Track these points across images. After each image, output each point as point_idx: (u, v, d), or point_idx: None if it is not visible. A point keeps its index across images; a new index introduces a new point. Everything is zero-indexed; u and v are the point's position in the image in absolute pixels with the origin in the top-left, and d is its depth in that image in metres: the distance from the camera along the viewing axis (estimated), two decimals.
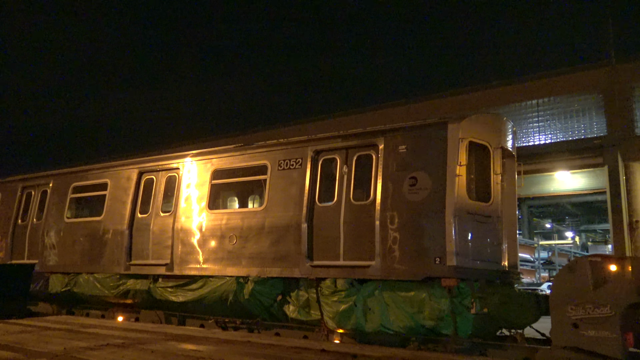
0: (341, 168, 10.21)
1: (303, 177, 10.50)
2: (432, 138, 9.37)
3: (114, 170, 13.82)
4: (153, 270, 12.24)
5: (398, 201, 9.32)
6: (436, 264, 8.76)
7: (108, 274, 13.04)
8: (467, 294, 8.81)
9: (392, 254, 9.20)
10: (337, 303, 9.61)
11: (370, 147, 9.99)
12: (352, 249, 9.70)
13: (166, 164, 12.86)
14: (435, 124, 9.50)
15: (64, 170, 15.66)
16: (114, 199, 13.46)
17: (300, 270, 10.13)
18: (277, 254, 10.47)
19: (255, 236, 10.82)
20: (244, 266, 10.85)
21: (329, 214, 10.07)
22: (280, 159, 10.94)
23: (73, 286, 13.70)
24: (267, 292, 10.61)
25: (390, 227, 9.27)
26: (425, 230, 9.00)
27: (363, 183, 9.99)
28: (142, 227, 12.63)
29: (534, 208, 45.56)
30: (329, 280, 9.83)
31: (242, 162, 11.60)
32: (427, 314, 8.90)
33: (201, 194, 11.91)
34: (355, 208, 9.84)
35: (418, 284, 9.02)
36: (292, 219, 10.38)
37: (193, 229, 11.76)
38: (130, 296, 12.69)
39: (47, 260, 14.44)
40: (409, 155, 9.46)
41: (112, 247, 13.05)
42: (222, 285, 11.00)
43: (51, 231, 14.55)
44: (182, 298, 11.61)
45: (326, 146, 10.51)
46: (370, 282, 9.49)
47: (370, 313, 9.38)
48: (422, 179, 9.18)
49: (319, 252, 10.05)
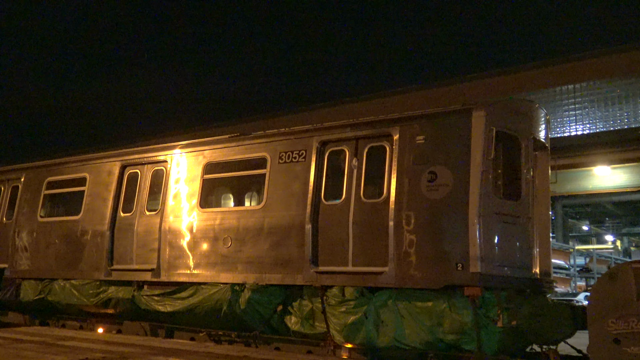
0: (350, 161, 10.19)
1: (307, 172, 10.49)
2: (454, 127, 9.33)
3: (94, 164, 13.86)
4: (137, 277, 12.27)
5: (415, 199, 9.29)
6: (458, 270, 8.74)
7: (87, 281, 13.08)
8: (492, 305, 8.78)
9: (407, 259, 9.18)
10: (345, 314, 9.60)
11: (384, 138, 9.96)
12: (362, 253, 9.69)
13: (152, 157, 12.89)
14: (458, 112, 9.46)
15: (37, 163, 15.71)
16: (93, 195, 13.50)
17: (304, 276, 10.12)
18: (278, 258, 10.47)
19: (252, 238, 10.83)
20: (240, 272, 10.86)
21: (336, 214, 10.06)
22: (282, 150, 10.93)
23: (47, 294, 13.75)
24: (266, 301, 10.61)
25: (405, 229, 9.25)
26: (446, 232, 8.97)
27: (375, 178, 9.95)
28: (125, 227, 12.66)
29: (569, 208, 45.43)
30: (336, 289, 9.82)
31: (238, 154, 11.60)
32: (447, 327, 8.88)
33: (192, 190, 11.93)
34: (366, 207, 9.82)
35: (437, 293, 9.00)
36: (295, 218, 10.38)
37: (183, 230, 11.78)
38: (111, 305, 12.73)
39: (18, 264, 14.50)
40: (427, 146, 9.42)
41: (92, 250, 13.10)
42: (216, 294, 11.01)
43: (23, 232, 14.61)
44: (170, 308, 11.63)
45: (333, 136, 10.49)
46: (382, 291, 9.47)
47: (383, 326, 9.36)
48: (443, 174, 9.15)
49: (324, 256, 10.04)
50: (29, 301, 14.13)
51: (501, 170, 9.42)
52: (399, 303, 9.29)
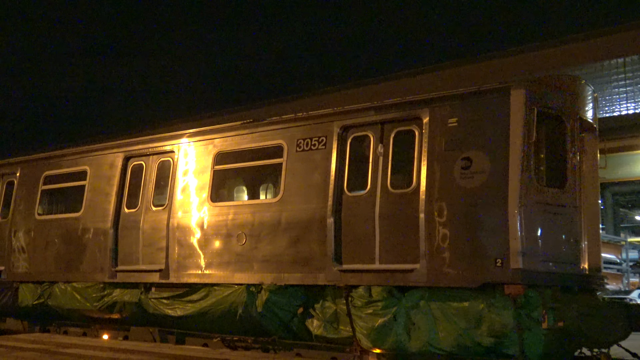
0: (375, 148, 10.18)
1: (328, 160, 10.48)
2: (490, 108, 9.28)
3: (95, 155, 13.98)
4: (144, 278, 12.39)
5: (448, 188, 9.26)
6: (497, 266, 8.70)
7: (89, 283, 13.23)
8: (536, 305, 8.72)
9: (441, 254, 9.16)
10: (372, 316, 9.61)
11: (412, 121, 9.93)
12: (390, 249, 9.68)
13: (158, 147, 12.97)
14: (495, 90, 9.39)
15: (34, 156, 15.89)
16: (94, 190, 13.62)
17: (326, 275, 10.14)
18: (297, 256, 10.50)
19: (269, 234, 10.86)
20: (256, 272, 10.91)
21: (361, 206, 10.06)
22: (299, 137, 10.94)
23: (47, 298, 13.94)
24: (285, 303, 10.66)
25: (438, 221, 9.23)
26: (483, 224, 8.94)
27: (403, 166, 9.94)
28: (130, 224, 12.77)
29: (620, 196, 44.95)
30: (362, 288, 9.83)
31: (252, 142, 11.63)
32: (486, 329, 8.85)
33: (202, 182, 11.99)
34: (394, 198, 9.81)
35: (474, 292, 8.97)
36: (315, 212, 10.39)
37: (192, 227, 11.86)
38: (117, 310, 12.87)
39: (15, 266, 14.71)
40: (461, 130, 9.38)
41: (94, 250, 13.23)
42: (230, 296, 11.08)
43: (19, 231, 14.81)
44: (181, 312, 11.73)
45: (356, 121, 10.48)
46: (413, 290, 9.47)
47: (415, 329, 9.36)
48: (478, 159, 9.10)
49: (349, 253, 10.05)
50: (28, 306, 14.34)
51: (544, 155, 9.35)
52: (431, 303, 9.28)
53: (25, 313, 14.70)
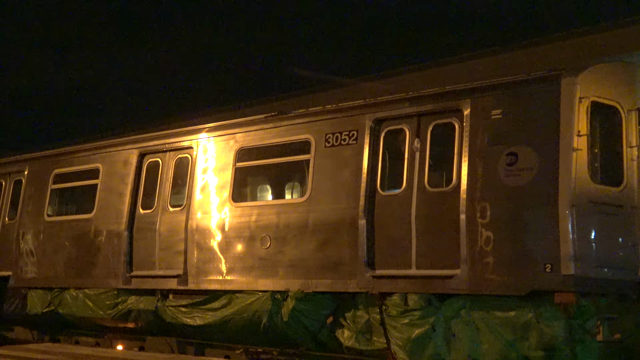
0: (411, 143, 10.14)
1: (359, 156, 10.47)
2: (538, 98, 9.19)
3: (107, 152, 14.13)
4: (161, 284, 12.49)
5: (491, 187, 9.20)
6: (546, 272, 8.63)
7: (102, 290, 13.38)
8: (590, 315, 8.66)
9: (483, 259, 9.11)
10: (408, 327, 9.59)
11: (452, 113, 9.88)
12: (428, 253, 9.65)
13: (175, 142, 13.05)
14: (543, 79, 9.31)
15: (43, 153, 16.09)
16: (107, 190, 13.77)
17: (358, 282, 10.14)
18: (326, 260, 10.51)
19: (295, 237, 10.88)
20: (281, 277, 10.94)
21: (395, 206, 10.03)
22: (328, 132, 10.94)
23: (58, 305, 14.12)
24: (312, 312, 10.66)
25: (480, 223, 9.17)
26: (531, 226, 8.87)
27: (442, 163, 9.92)
28: (146, 226, 12.88)
29: None
30: (397, 296, 9.81)
31: (277, 137, 11.66)
32: (534, 341, 8.78)
33: (222, 181, 12.05)
34: (432, 197, 9.77)
35: (521, 301, 8.90)
36: (346, 212, 10.39)
37: (213, 229, 11.92)
38: (132, 318, 12.99)
39: (23, 271, 14.92)
40: (506, 123, 9.31)
41: (107, 254, 13.37)
42: (253, 304, 11.12)
43: (28, 233, 15.01)
44: (200, 321, 11.80)
45: (390, 113, 10.45)
46: (454, 299, 9.44)
47: (455, 340, 9.33)
48: (525, 155, 9.03)
49: (382, 257, 10.04)
50: (37, 314, 14.54)
51: (598, 150, 9.23)
52: (473, 313, 9.23)
53: (34, 321, 14.89)
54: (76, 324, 14.15)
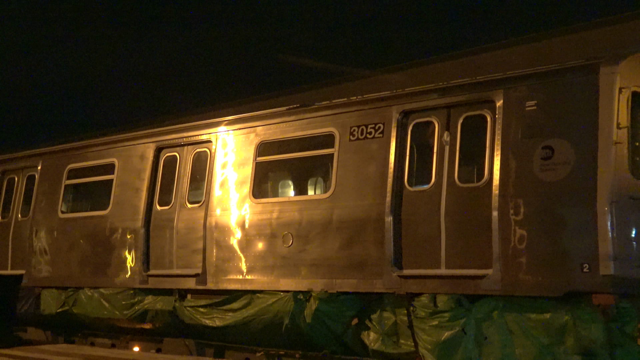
0: (441, 136, 10.11)
1: (386, 150, 10.45)
2: (575, 89, 9.13)
3: (123, 146, 14.21)
4: (179, 284, 12.57)
5: (525, 182, 9.16)
6: (584, 272, 8.58)
7: (118, 289, 13.49)
8: (631, 317, 8.59)
9: (517, 258, 9.07)
10: (437, 329, 9.57)
11: (483, 105, 9.84)
12: (458, 251, 9.62)
13: (193, 136, 13.11)
14: (581, 68, 9.23)
15: (56, 147, 16.22)
16: (123, 185, 13.86)
17: (384, 282, 10.13)
18: (351, 259, 10.51)
19: (318, 235, 10.89)
20: (304, 277, 10.95)
21: (424, 202, 10.01)
22: (353, 124, 10.93)
23: (72, 305, 14.25)
24: (337, 313, 10.67)
25: (514, 220, 9.13)
26: (567, 223, 8.81)
27: (473, 157, 9.88)
28: (163, 223, 12.96)
29: None
30: (425, 297, 9.80)
31: (299, 130, 11.67)
32: (570, 345, 8.75)
33: (242, 176, 12.08)
34: (463, 193, 9.74)
35: (557, 303, 8.87)
36: (371, 209, 10.38)
37: (232, 226, 11.96)
38: (148, 319, 13.08)
39: (37, 270, 15.07)
40: (540, 115, 9.26)
41: (123, 252, 13.47)
42: (275, 304, 11.15)
43: (41, 231, 15.15)
44: (220, 322, 11.86)
45: (418, 105, 10.42)
46: (485, 300, 9.41)
47: (487, 344, 9.30)
48: (562, 149, 8.97)
49: (410, 256, 10.02)
50: (51, 314, 14.68)
51: (639, 143, 9.12)
52: (506, 315, 9.21)
53: (48, 322, 15.03)
54: (91, 325, 14.26)
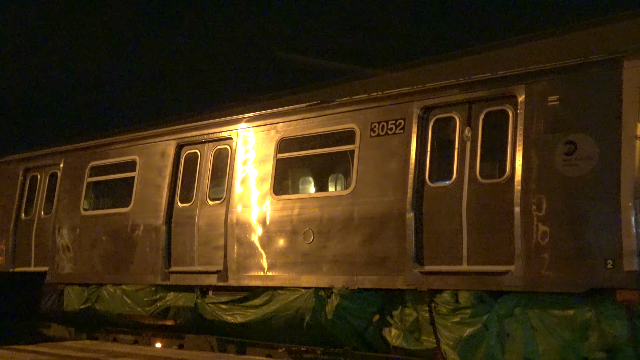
0: (462, 131, 10.08)
1: (406, 146, 10.44)
2: (598, 83, 9.07)
3: (144, 143, 14.29)
4: (200, 280, 12.63)
5: (548, 177, 9.12)
6: (607, 268, 8.53)
7: (140, 286, 13.59)
8: None
9: (539, 254, 9.04)
10: (459, 326, 9.57)
11: (505, 100, 9.80)
12: (480, 247, 9.60)
13: (214, 133, 13.16)
14: (604, 62, 9.18)
15: (78, 145, 16.34)
16: (145, 182, 13.94)
17: (406, 278, 10.13)
18: (372, 255, 10.52)
19: (339, 231, 10.91)
20: (325, 273, 10.97)
21: (445, 198, 10.00)
22: (374, 120, 10.93)
23: (95, 302, 14.38)
24: (358, 309, 10.69)
25: (536, 216, 9.09)
26: (590, 219, 8.78)
27: (495, 152, 9.84)
28: (184, 220, 13.03)
29: None
30: (447, 293, 9.79)
31: (319, 126, 11.68)
32: (594, 342, 8.70)
33: (263, 173, 12.12)
34: (484, 189, 9.71)
35: (580, 299, 8.82)
36: (392, 205, 10.38)
37: (253, 223, 12.00)
38: (170, 315, 13.17)
39: (60, 267, 15.20)
40: (563, 109, 9.21)
41: (145, 249, 13.56)
42: (296, 301, 11.19)
43: (64, 228, 15.29)
44: (241, 318, 11.92)
45: (439, 100, 10.40)
46: (508, 296, 9.39)
47: (509, 340, 9.27)
48: (584, 144, 8.93)
49: (431, 252, 10.02)
50: (74, 311, 14.81)
51: None
52: (529, 311, 9.18)
53: (71, 318, 15.17)
54: (113, 321, 14.37)
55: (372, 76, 27.50)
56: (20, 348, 11.55)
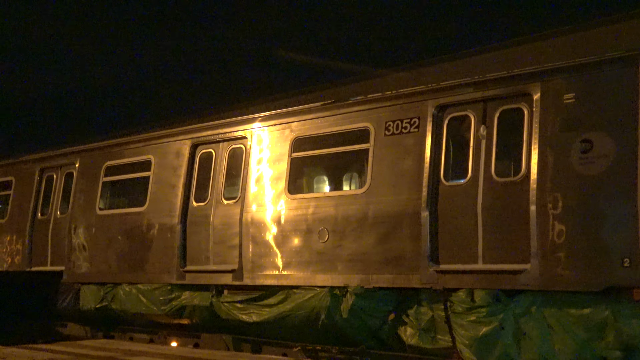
0: (477, 130, 10.06)
1: (421, 145, 10.43)
2: (614, 81, 9.02)
3: (159, 143, 14.35)
4: (215, 279, 12.68)
5: (564, 176, 9.08)
6: (624, 267, 8.48)
7: (156, 285, 13.65)
8: None
9: (555, 253, 9.01)
10: (475, 324, 9.55)
11: (520, 98, 9.77)
12: (495, 246, 9.58)
13: (228, 132, 13.20)
14: (620, 59, 9.12)
15: (93, 145, 16.43)
16: (160, 182, 14.00)
17: (421, 277, 10.12)
18: (387, 254, 10.51)
19: (354, 230, 10.91)
20: (340, 272, 10.98)
21: (460, 197, 9.99)
22: (388, 119, 10.92)
23: (111, 301, 14.46)
24: (373, 308, 10.69)
25: (552, 214, 9.06)
26: (607, 217, 8.73)
27: (510, 151, 9.81)
28: (199, 220, 13.07)
29: None
30: (462, 292, 9.78)
31: (334, 125, 11.69)
32: (611, 341, 8.66)
33: (277, 172, 12.14)
34: (500, 187, 9.69)
35: (597, 298, 8.78)
36: (407, 204, 10.37)
37: (268, 222, 12.03)
38: (186, 314, 13.23)
39: (76, 266, 15.30)
40: (579, 107, 9.16)
41: (160, 248, 13.62)
42: (311, 300, 11.21)
43: (80, 227, 15.38)
44: (256, 317, 11.95)
45: (454, 99, 10.38)
46: (523, 295, 9.37)
47: (525, 339, 9.25)
48: (601, 142, 8.88)
49: (446, 251, 10.00)
50: (90, 310, 14.90)
51: None
52: (545, 310, 9.15)
53: (87, 317, 15.26)
54: (129, 320, 14.45)
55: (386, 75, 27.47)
56: (37, 347, 11.66)
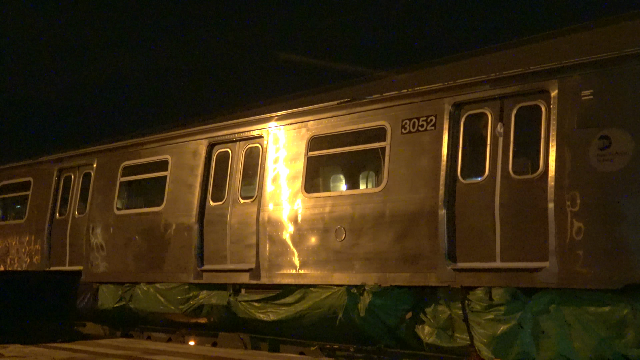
0: (494, 127, 10.03)
1: (438, 143, 10.42)
2: (632, 77, 8.97)
3: (176, 143, 14.41)
4: (233, 278, 12.72)
5: (582, 173, 9.05)
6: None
7: (173, 284, 13.71)
8: None
9: (574, 251, 8.97)
10: (493, 323, 9.52)
11: (537, 95, 9.73)
12: (513, 244, 9.55)
13: (245, 132, 13.23)
14: (638, 56, 9.04)
15: (111, 145, 16.52)
16: (177, 181, 14.06)
17: (438, 275, 10.11)
18: (404, 253, 10.51)
19: (371, 229, 10.92)
20: (357, 271, 10.99)
21: (477, 195, 9.96)
22: (405, 117, 10.91)
23: (129, 300, 14.54)
24: (391, 307, 10.69)
25: (570, 212, 9.02)
26: (626, 214, 8.69)
27: (528, 148, 9.77)
28: (216, 219, 13.12)
29: None
30: (480, 290, 9.75)
31: (350, 124, 11.70)
32: (631, 339, 8.62)
33: (294, 171, 12.16)
34: (517, 185, 9.66)
35: (616, 295, 8.74)
36: (424, 202, 10.36)
37: (285, 221, 12.05)
38: (204, 313, 13.28)
39: (94, 266, 15.40)
40: (597, 104, 9.12)
41: (177, 248, 13.68)
42: (328, 299, 11.22)
43: (98, 227, 15.48)
44: (274, 316, 11.98)
45: (471, 96, 10.36)
46: (542, 293, 9.33)
47: (544, 337, 9.23)
48: (619, 138, 8.84)
49: (464, 249, 9.99)
50: (108, 309, 15.00)
51: None
52: (564, 308, 9.12)
53: (105, 316, 15.36)
54: (147, 319, 14.52)
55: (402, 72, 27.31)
56: (56, 346, 11.75)
